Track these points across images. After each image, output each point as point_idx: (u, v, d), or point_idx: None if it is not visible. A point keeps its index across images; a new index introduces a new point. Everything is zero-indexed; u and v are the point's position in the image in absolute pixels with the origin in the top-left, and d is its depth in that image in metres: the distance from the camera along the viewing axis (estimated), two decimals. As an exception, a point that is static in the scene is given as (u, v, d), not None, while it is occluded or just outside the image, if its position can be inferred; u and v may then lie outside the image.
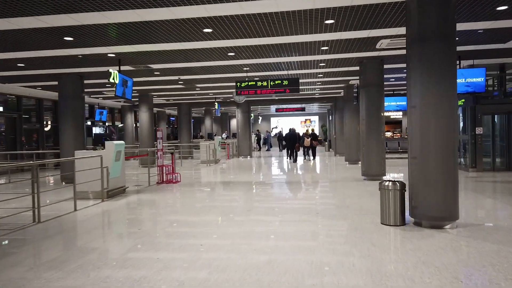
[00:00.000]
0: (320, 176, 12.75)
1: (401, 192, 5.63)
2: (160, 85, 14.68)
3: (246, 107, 21.98)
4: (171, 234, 5.55)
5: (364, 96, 10.90)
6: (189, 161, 20.13)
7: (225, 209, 7.31)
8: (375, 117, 10.72)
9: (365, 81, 10.90)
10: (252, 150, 28.59)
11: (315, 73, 12.90)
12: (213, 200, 8.47)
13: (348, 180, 11.02)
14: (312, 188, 9.95)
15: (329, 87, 17.06)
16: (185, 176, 13.08)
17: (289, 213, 6.72)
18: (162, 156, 11.43)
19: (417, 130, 5.56)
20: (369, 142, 10.78)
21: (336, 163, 17.05)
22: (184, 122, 22.58)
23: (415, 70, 5.58)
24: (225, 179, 12.44)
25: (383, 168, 10.75)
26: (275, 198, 8.50)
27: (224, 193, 9.43)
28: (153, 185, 10.86)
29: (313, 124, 37.29)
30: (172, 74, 12.18)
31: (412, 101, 5.65)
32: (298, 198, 8.41)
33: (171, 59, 9.77)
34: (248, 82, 11.30)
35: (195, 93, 18.06)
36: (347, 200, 7.77)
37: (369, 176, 10.82)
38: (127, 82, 9.68)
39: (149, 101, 17.43)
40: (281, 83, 11.12)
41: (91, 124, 21.70)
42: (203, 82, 14.13)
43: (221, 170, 15.34)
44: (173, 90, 16.58)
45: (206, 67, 11.09)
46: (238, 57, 9.76)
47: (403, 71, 12.80)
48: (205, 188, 10.35)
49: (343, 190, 9.22)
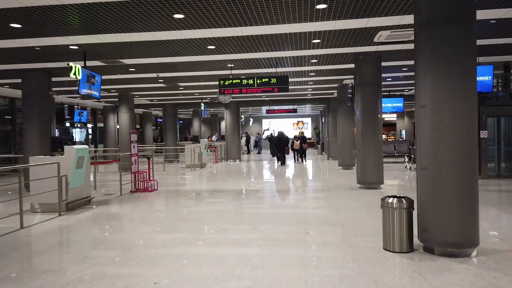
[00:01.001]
0: (312, 183, 11.72)
1: (409, 211, 4.60)
2: (139, 83, 13.56)
3: (235, 108, 20.92)
4: (124, 263, 4.45)
5: (360, 96, 9.89)
6: (174, 165, 18.99)
7: (197, 226, 6.22)
8: (372, 119, 9.72)
9: (361, 79, 9.90)
10: (242, 153, 27.59)
11: (307, 71, 11.88)
12: (186, 214, 7.38)
13: (342, 188, 9.99)
14: (302, 198, 8.90)
15: (322, 87, 16.07)
16: (165, 183, 11.96)
17: (274, 233, 5.65)
18: (137, 162, 10.31)
19: (428, 134, 4.54)
20: (365, 146, 9.77)
21: (329, 168, 16.04)
22: (169, 124, 21.44)
23: (425, 62, 4.56)
24: (206, 186, 11.34)
25: (381, 176, 9.74)
26: (258, 213, 7.42)
27: (200, 205, 8.33)
28: (125, 194, 9.73)
29: (305, 126, 36.36)
30: (149, 71, 11.07)
31: (421, 99, 4.63)
32: (285, 213, 7.35)
33: (143, 53, 8.67)
34: (233, 80, 10.24)
35: (179, 93, 16.95)
36: (342, 215, 6.73)
37: (365, 184, 9.81)
38: (93, 79, 8.55)
39: (130, 101, 16.28)
40: (268, 81, 10.08)
41: (70, 126, 20.48)
42: (185, 80, 13.04)
43: (205, 176, 14.23)
44: (155, 90, 15.45)
45: (185, 63, 10.00)
46: (219, 51, 8.69)
47: (402, 69, 11.84)
48: (182, 198, 9.25)
49: (337, 202, 8.17)
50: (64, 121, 19.76)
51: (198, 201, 8.73)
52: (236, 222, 6.45)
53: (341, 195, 8.96)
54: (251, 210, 7.55)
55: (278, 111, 25.11)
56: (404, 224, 4.57)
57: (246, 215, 7.05)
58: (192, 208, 7.90)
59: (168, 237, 5.58)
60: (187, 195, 9.53)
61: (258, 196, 9.26)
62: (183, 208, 8.02)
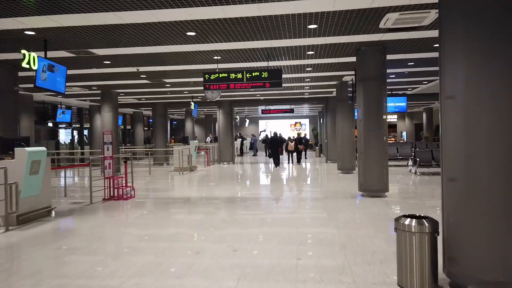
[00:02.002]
0: (308, 190, 10.59)
1: (432, 236, 3.47)
2: (121, 79, 12.41)
3: (228, 107, 19.80)
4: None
5: (362, 93, 8.78)
6: (163, 168, 17.84)
7: (167, 246, 5.07)
8: (376, 118, 8.60)
9: (363, 74, 8.79)
10: (238, 155, 26.47)
11: (303, 66, 10.76)
12: (157, 229, 6.23)
13: (342, 196, 8.86)
14: (295, 209, 7.76)
15: (320, 85, 14.95)
16: (146, 189, 10.81)
17: (257, 257, 4.51)
18: (111, 166, 9.16)
19: (458, 134, 3.42)
20: (368, 149, 8.65)
21: (327, 171, 14.91)
22: (159, 124, 20.29)
23: (455, 38, 3.44)
24: (190, 193, 10.19)
25: (386, 183, 8.62)
26: (243, 228, 6.27)
27: (177, 218, 7.18)
28: (97, 202, 8.59)
29: (303, 127, 35.24)
30: (127, 64, 9.93)
31: (447, 88, 3.52)
32: (275, 229, 6.20)
33: (113, 41, 7.54)
34: (219, 74, 9.10)
35: (167, 91, 15.81)
36: (342, 233, 5.59)
37: (368, 192, 8.68)
38: (54, 69, 7.41)
39: (113, 100, 15.13)
40: (259, 75, 8.95)
41: (53, 126, 19.30)
42: (170, 76, 11.90)
43: (193, 180, 13.08)
44: (140, 87, 14.30)
45: (165, 55, 8.87)
46: (201, 39, 7.56)
47: (408, 64, 10.72)
48: (158, 208, 8.10)
49: (336, 214, 7.03)
50: (46, 121, 18.64)
51: (176, 212, 7.58)
52: (214, 240, 5.31)
53: (341, 205, 7.83)
54: (236, 224, 6.41)
55: (274, 111, 23.97)
56: (426, 253, 3.44)
57: (228, 231, 5.92)
58: (165, 222, 6.75)
59: (125, 261, 4.43)
60: (165, 204, 8.39)
61: (246, 206, 8.13)
62: (155, 221, 6.88)
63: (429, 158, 13.15)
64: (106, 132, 9.09)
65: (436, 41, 8.16)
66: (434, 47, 8.64)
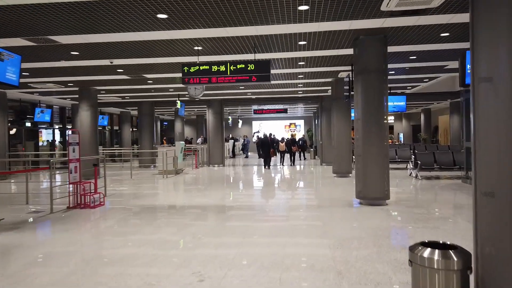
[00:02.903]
0: (300, 197, 9.59)
1: (463, 275, 2.48)
2: (96, 74, 11.36)
3: (218, 107, 18.80)
4: None
5: (360, 87, 7.80)
6: (148, 171, 16.77)
7: (112, 274, 4.04)
8: (376, 116, 7.62)
9: (362, 67, 7.81)
10: (231, 157, 25.45)
11: (295, 60, 9.78)
12: (114, 248, 5.19)
13: (337, 204, 7.87)
14: (284, 221, 6.75)
15: (314, 82, 13.98)
16: (120, 195, 9.76)
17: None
18: (77, 170, 8.10)
19: (499, 132, 2.44)
20: (367, 151, 7.67)
21: (322, 175, 13.93)
22: (145, 124, 19.24)
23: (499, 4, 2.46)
24: (168, 200, 9.14)
25: (387, 189, 7.64)
26: (217, 248, 5.24)
27: (142, 232, 6.13)
28: (59, 211, 7.54)
29: (298, 128, 34.31)
30: (98, 56, 8.88)
31: (483, 67, 2.53)
32: (255, 253, 5.19)
33: (73, 26, 6.51)
34: (200, 67, 8.09)
35: (151, 88, 14.75)
36: (337, 254, 4.58)
37: (366, 200, 7.70)
38: (4, 57, 6.36)
39: (92, 97, 14.05)
40: (245, 67, 7.94)
41: (32, 126, 18.17)
42: (149, 70, 10.86)
43: (176, 185, 12.05)
44: (120, 83, 13.26)
45: (137, 44, 7.85)
46: (176, 24, 6.55)
47: (409, 57, 9.76)
48: (125, 219, 7.05)
49: (331, 228, 6.02)
50: (24, 120, 17.52)
51: (144, 224, 6.54)
52: (179, 264, 4.29)
53: (336, 215, 6.83)
54: (211, 241, 5.39)
55: (267, 111, 22.97)
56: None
57: (200, 250, 4.90)
58: (126, 238, 5.71)
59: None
60: (135, 214, 7.35)
61: (227, 217, 7.11)
62: (114, 236, 5.83)
63: (431, 161, 12.21)
64: (71, 132, 8.03)
65: (444, 29, 7.20)
66: (441, 37, 7.69)
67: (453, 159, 12.13)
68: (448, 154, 12.34)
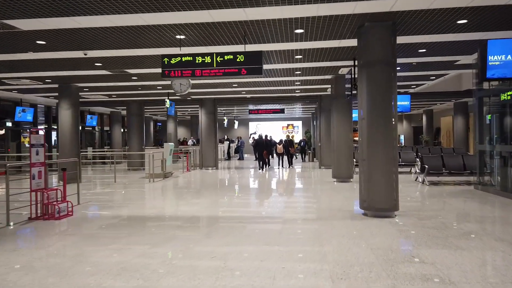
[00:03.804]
0: (296, 206, 8.59)
1: None
2: (75, 69, 10.35)
3: (211, 106, 17.82)
4: None
5: (366, 83, 6.83)
6: (135, 174, 15.74)
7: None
8: (383, 116, 6.64)
9: (367, 58, 6.84)
10: (226, 159, 24.42)
11: (291, 52, 8.79)
12: (60, 276, 4.17)
13: (339, 216, 6.87)
14: (274, 240, 5.74)
15: (313, 80, 13.00)
16: (97, 202, 8.73)
17: None
18: (42, 175, 7.08)
19: None
20: (373, 155, 6.69)
21: (321, 179, 12.94)
22: (134, 125, 18.23)
23: None
24: (147, 209, 8.11)
25: (395, 198, 6.65)
26: (185, 284, 4.24)
27: (101, 256, 5.11)
28: (17, 223, 6.52)
29: (296, 130, 33.36)
30: (68, 46, 7.87)
31: None
32: (240, 285, 4.18)
33: (31, 8, 5.51)
34: (182, 58, 7.10)
35: (137, 86, 13.74)
36: (342, 287, 3.59)
37: (372, 211, 6.71)
38: None
39: (73, 95, 13.02)
40: (233, 59, 6.95)
41: (14, 126, 17.12)
42: (129, 64, 9.84)
43: (161, 190, 11.04)
44: (102, 80, 12.25)
45: (111, 32, 6.86)
46: (151, 5, 5.56)
47: (418, 51, 8.79)
48: (90, 235, 6.04)
49: (331, 250, 5.00)
50: (4, 120, 16.47)
51: (109, 243, 5.52)
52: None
53: (338, 231, 5.83)
54: (184, 268, 4.38)
55: (263, 111, 21.95)
56: None
57: (165, 282, 3.89)
58: (87, 258, 4.69)
59: None
60: (103, 229, 6.34)
61: (208, 232, 6.10)
62: (69, 260, 4.82)
63: (439, 165, 11.23)
64: (33, 132, 7.01)
65: (462, 15, 6.22)
66: (457, 25, 6.72)
67: (463, 163, 11.17)
68: (458, 158, 11.37)
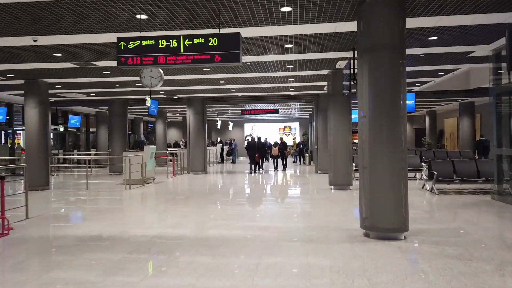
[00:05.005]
0: (288, 221, 7.24)
1: None
2: (36, 61, 9.04)
3: (199, 106, 16.52)
4: None
5: (367, 71, 5.51)
6: (116, 179, 14.39)
7: None
8: (390, 111, 5.33)
9: (369, 42, 5.52)
10: (219, 162, 23.11)
11: (279, 40, 7.48)
12: None
13: (335, 237, 5.53)
14: (251, 274, 4.42)
15: (308, 76, 11.70)
16: (50, 217, 7.39)
17: None
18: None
19: None
20: (376, 161, 5.37)
21: (316, 186, 11.61)
22: (116, 126, 16.88)
23: None
24: (108, 228, 6.70)
25: (405, 217, 5.32)
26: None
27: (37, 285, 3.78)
28: None
29: (293, 132, 32.06)
30: (10, 31, 6.55)
31: None
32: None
33: None
34: (142, 41, 5.78)
35: (114, 82, 12.42)
36: None
37: (375, 231, 5.38)
38: None
39: (41, 92, 11.68)
40: (205, 43, 5.64)
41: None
42: (93, 54, 8.50)
43: (134, 200, 9.70)
44: (72, 75, 10.93)
45: (58, 8, 5.55)
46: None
47: (428, 39, 7.49)
48: (22, 259, 4.72)
49: (330, 280, 3.69)
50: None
51: (42, 271, 4.19)
52: None
53: (332, 260, 4.50)
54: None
55: (256, 112, 20.63)
56: None
57: None
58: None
59: None
60: (43, 253, 5.01)
61: (159, 266, 4.78)
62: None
63: (450, 171, 9.92)
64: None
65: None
66: (481, 2, 5.41)
67: (477, 169, 9.86)
68: (471, 163, 10.06)
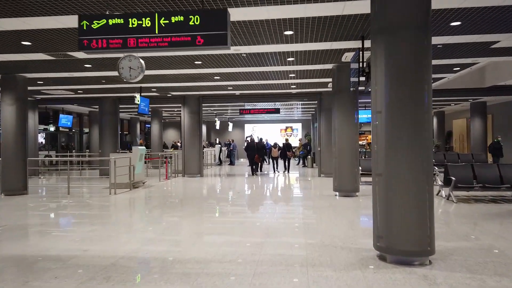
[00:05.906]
0: (281, 236, 6.19)
1: None
2: (5, 52, 8.08)
3: (195, 105, 15.53)
4: None
5: (384, 56, 4.48)
6: (104, 183, 13.42)
7: None
8: (411, 106, 4.30)
9: (385, 20, 4.50)
10: (218, 164, 22.12)
11: (276, 24, 6.46)
12: None
13: (340, 260, 4.50)
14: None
15: (310, 70, 10.68)
16: (14, 227, 6.39)
17: None
18: None
19: None
20: (394, 167, 4.34)
21: (319, 193, 10.56)
22: (107, 125, 15.91)
23: None
24: (77, 245, 5.67)
25: (431, 237, 4.28)
26: None
27: None
28: None
29: (295, 133, 31.04)
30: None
31: None
32: None
33: None
34: (109, 20, 4.78)
35: (98, 77, 11.41)
36: None
37: (393, 255, 4.34)
38: None
39: (19, 88, 10.69)
40: (184, 22, 4.63)
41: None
42: (65, 43, 7.50)
43: (115, 208, 8.69)
44: (52, 69, 9.95)
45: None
46: None
47: (450, 24, 6.45)
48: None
49: None
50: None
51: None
52: None
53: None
54: None
55: (255, 111, 19.60)
56: None
57: None
58: None
59: None
60: None
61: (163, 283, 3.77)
62: None
63: (470, 176, 8.86)
64: None
65: None
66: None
67: (500, 174, 8.80)
68: (493, 168, 9.00)
